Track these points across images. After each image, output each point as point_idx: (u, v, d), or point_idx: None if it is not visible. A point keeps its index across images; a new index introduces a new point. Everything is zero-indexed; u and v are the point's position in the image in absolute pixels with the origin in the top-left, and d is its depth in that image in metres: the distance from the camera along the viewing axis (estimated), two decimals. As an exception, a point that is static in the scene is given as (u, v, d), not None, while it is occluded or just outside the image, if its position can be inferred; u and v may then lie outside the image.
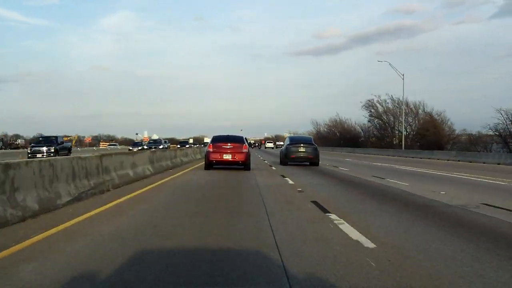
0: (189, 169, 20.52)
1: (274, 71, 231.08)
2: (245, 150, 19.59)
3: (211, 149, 19.71)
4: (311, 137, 32.79)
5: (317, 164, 23.78)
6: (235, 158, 19.37)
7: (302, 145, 24.03)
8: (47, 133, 56.45)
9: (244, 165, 19.55)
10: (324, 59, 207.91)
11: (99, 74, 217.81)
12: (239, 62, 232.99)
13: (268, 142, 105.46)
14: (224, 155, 19.39)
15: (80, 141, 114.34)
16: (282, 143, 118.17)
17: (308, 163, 24.19)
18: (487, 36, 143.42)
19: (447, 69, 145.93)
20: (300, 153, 23.73)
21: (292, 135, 52.51)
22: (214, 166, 20.01)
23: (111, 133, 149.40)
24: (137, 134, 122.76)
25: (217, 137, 20.61)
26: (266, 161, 29.85)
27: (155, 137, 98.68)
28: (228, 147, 19.54)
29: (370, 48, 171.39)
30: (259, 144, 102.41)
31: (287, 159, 24.20)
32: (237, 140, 20.24)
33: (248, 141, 29.77)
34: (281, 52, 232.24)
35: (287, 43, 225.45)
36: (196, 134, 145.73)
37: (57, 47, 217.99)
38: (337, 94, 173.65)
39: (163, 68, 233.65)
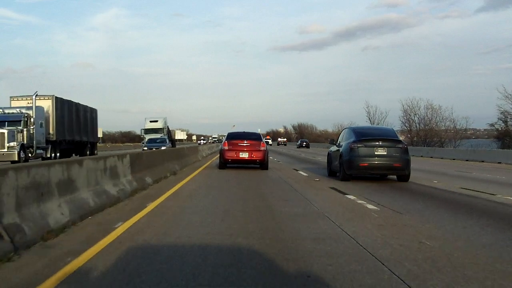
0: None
1: (263, 67, 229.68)
2: (263, 148, 18.31)
3: (226, 147, 18.38)
4: (393, 128, 18.38)
5: (406, 178, 13.61)
6: (252, 157, 18.14)
7: (380, 142, 13.34)
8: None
9: (261, 164, 18.40)
10: (310, 55, 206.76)
11: (84, 72, 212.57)
12: (225, 59, 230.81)
13: (266, 139, 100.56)
14: (240, 153, 18.09)
15: None
16: (284, 139, 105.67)
17: (385, 175, 14.46)
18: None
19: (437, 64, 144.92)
20: (377, 159, 13.22)
21: (353, 125, 30.99)
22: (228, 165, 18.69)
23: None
24: None
25: (232, 134, 19.37)
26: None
27: None
28: (244, 144, 18.27)
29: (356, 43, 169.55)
30: None
31: (351, 169, 13.41)
32: (254, 137, 19.06)
33: None
34: (269, 47, 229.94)
35: (273, 39, 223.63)
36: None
37: (43, 44, 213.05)
38: (326, 90, 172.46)
39: (149, 66, 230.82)
